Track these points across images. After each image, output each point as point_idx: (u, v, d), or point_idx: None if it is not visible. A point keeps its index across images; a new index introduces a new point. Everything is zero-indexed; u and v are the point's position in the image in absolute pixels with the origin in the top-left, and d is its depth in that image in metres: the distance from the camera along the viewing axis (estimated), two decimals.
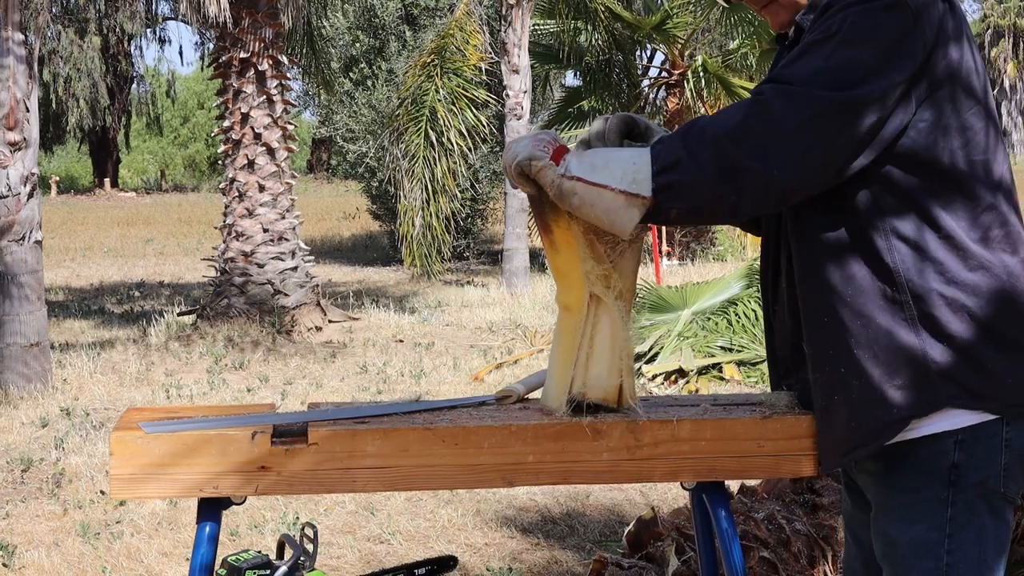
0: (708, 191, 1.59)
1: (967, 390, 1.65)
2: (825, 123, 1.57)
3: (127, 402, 6.87)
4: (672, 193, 1.60)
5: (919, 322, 1.64)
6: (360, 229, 21.53)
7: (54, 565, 4.08)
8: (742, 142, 1.58)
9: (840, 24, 1.59)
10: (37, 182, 7.25)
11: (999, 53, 39.61)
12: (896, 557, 1.72)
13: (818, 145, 1.58)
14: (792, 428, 1.74)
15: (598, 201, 1.62)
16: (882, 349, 1.65)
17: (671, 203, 1.61)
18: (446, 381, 7.38)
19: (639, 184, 1.60)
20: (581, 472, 1.70)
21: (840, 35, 1.59)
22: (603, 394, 1.72)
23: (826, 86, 1.57)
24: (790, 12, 1.78)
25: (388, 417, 1.74)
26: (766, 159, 1.57)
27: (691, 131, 1.62)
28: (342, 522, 4.51)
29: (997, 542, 1.70)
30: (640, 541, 3.34)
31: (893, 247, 1.65)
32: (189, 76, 48.73)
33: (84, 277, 14.88)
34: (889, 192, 1.65)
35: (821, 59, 1.59)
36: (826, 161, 1.60)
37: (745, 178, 1.58)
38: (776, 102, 1.59)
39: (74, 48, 30.22)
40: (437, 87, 11.94)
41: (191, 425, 1.68)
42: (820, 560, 3.20)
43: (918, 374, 1.64)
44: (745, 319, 7.73)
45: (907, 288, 1.64)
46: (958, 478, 1.66)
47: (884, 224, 1.65)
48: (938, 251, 1.64)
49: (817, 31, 1.63)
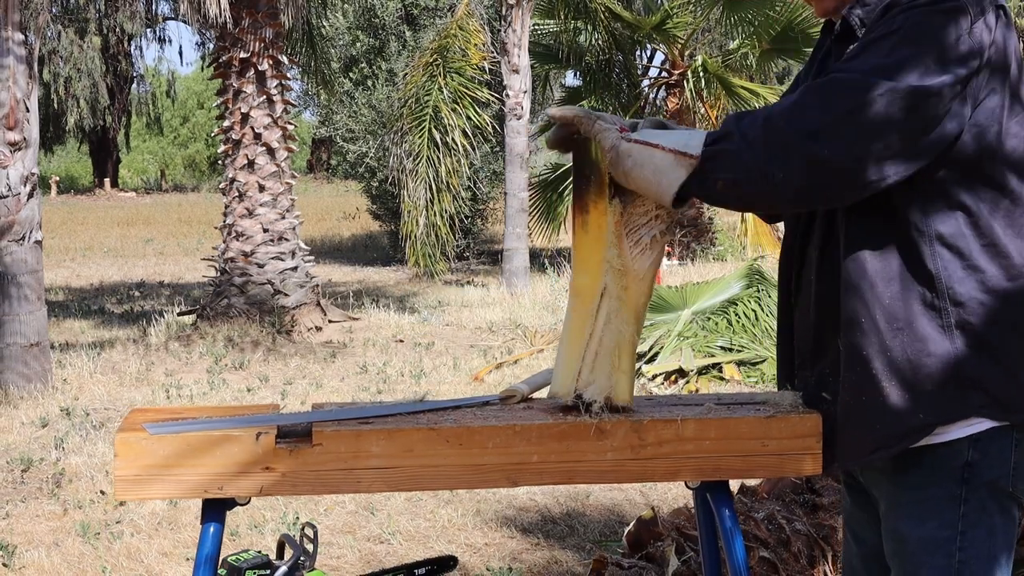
0: (755, 164, 1.60)
1: (997, 401, 1.66)
2: (879, 111, 1.57)
3: (127, 402, 6.87)
4: (718, 162, 1.62)
5: (956, 329, 1.65)
6: (360, 229, 21.52)
7: (54, 565, 4.08)
8: (794, 121, 1.59)
9: (902, 23, 1.61)
10: (37, 182, 7.25)
11: None
12: (906, 554, 1.72)
13: (869, 134, 1.58)
14: (796, 427, 1.74)
15: (649, 161, 1.64)
16: (916, 353, 1.66)
17: (717, 172, 1.62)
18: (446, 381, 7.38)
19: (690, 146, 1.63)
20: (585, 472, 1.70)
21: (901, 33, 1.60)
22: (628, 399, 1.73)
23: (885, 78, 1.58)
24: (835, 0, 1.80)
25: (392, 417, 1.74)
26: (816, 140, 1.57)
27: (748, 112, 1.66)
28: (342, 522, 4.51)
29: (1006, 540, 1.71)
30: (640, 541, 3.35)
31: (936, 253, 1.65)
32: (189, 76, 48.70)
33: (84, 277, 14.88)
34: (937, 197, 1.65)
35: (882, 55, 1.60)
36: (877, 151, 1.59)
37: (793, 155, 1.58)
38: (833, 87, 1.60)
39: (74, 48, 30.20)
40: (440, 86, 11.95)
41: (195, 426, 1.68)
42: (820, 560, 3.20)
43: (949, 381, 1.65)
44: (745, 319, 7.73)
45: (947, 295, 1.65)
46: (971, 476, 1.67)
47: (929, 229, 1.66)
48: (980, 259, 1.65)
49: (879, 30, 1.64)
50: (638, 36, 14.81)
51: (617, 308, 1.73)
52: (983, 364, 1.65)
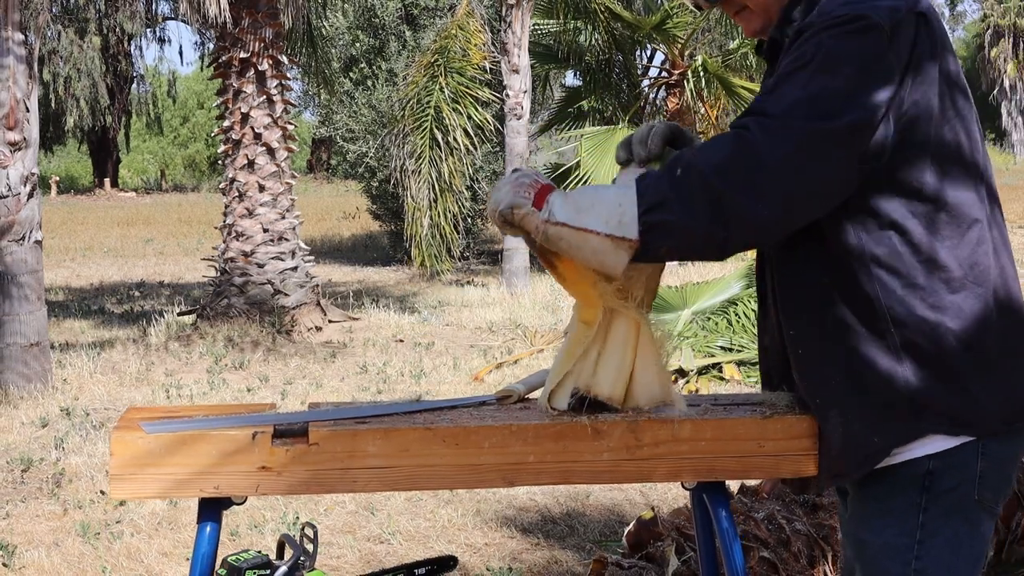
0: (697, 229, 1.56)
1: (949, 417, 1.63)
2: (808, 156, 1.54)
3: (127, 402, 6.87)
4: (660, 232, 1.57)
5: (901, 350, 1.62)
6: (360, 229, 21.52)
7: (54, 565, 4.08)
8: (729, 179, 1.54)
9: (815, 50, 1.57)
10: (37, 182, 7.25)
11: (999, 53, 39.60)
12: (866, 559, 1.72)
13: (803, 179, 1.55)
14: (793, 428, 1.74)
15: (584, 245, 1.58)
16: (863, 379, 1.64)
17: (660, 242, 1.57)
18: (446, 381, 7.37)
19: (625, 227, 1.56)
20: (582, 472, 1.70)
21: (815, 62, 1.56)
22: (609, 393, 1.72)
23: (805, 117, 1.54)
24: (762, 19, 1.78)
25: (389, 417, 1.74)
26: (752, 196, 1.54)
27: (676, 167, 1.58)
28: (342, 522, 4.51)
29: (970, 552, 1.68)
30: (640, 541, 3.34)
31: (874, 275, 1.62)
32: (189, 76, 48.73)
33: (84, 277, 14.88)
34: (867, 218, 1.62)
35: (799, 89, 1.56)
36: (812, 193, 1.57)
37: (733, 216, 1.55)
38: (759, 137, 1.55)
39: (74, 48, 30.21)
40: (441, 86, 11.95)
41: (191, 425, 1.68)
42: (820, 560, 3.20)
43: (900, 403, 1.63)
44: (745, 319, 7.73)
45: (888, 316, 1.62)
46: (932, 484, 1.65)
47: (864, 252, 1.62)
48: (919, 276, 1.61)
49: (792, 57, 1.60)
50: (638, 36, 14.80)
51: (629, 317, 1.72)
52: (932, 382, 1.62)
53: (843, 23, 1.56)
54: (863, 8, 1.57)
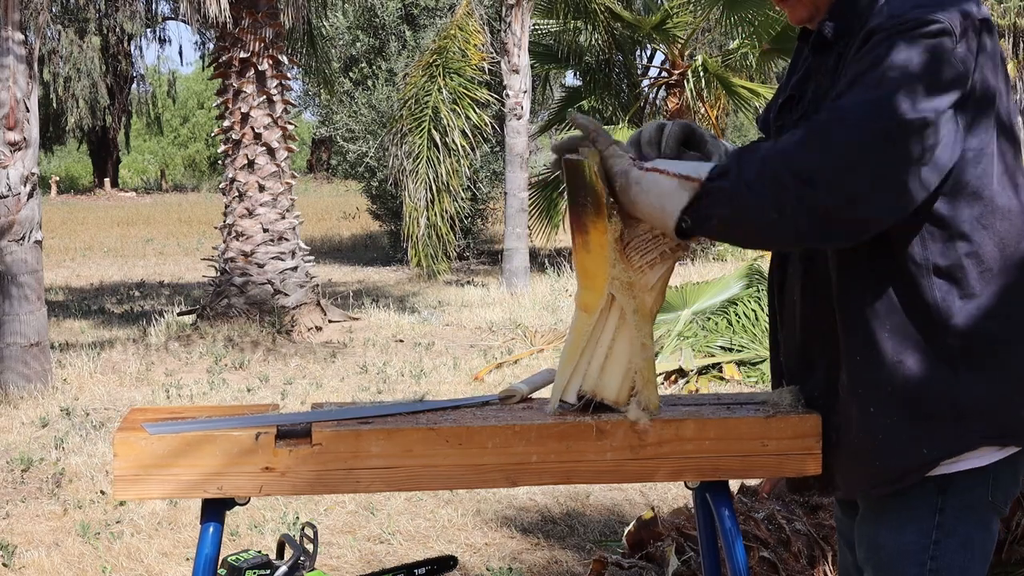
0: (750, 204, 1.57)
1: (1001, 430, 1.64)
2: (873, 151, 1.55)
3: (127, 402, 6.87)
4: (715, 198, 1.59)
5: (958, 361, 1.62)
6: (360, 229, 21.53)
7: (54, 565, 4.08)
8: (791, 163, 1.56)
9: (887, 52, 1.58)
10: (37, 182, 7.25)
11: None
12: (880, 561, 1.71)
13: (865, 175, 1.55)
14: (796, 427, 1.74)
15: (655, 186, 1.63)
16: (917, 387, 1.63)
17: (713, 208, 1.59)
18: (446, 381, 7.37)
19: (696, 173, 1.62)
20: (585, 472, 1.70)
21: (885, 64, 1.57)
22: (615, 397, 1.72)
23: (876, 115, 1.55)
24: (808, 9, 1.78)
25: (392, 417, 1.74)
26: (811, 184, 1.55)
27: (747, 148, 1.64)
28: (342, 522, 4.51)
29: (982, 551, 1.69)
30: (640, 541, 3.34)
31: (934, 284, 1.62)
32: (189, 76, 48.71)
33: (84, 277, 14.88)
34: (934, 227, 1.63)
35: (871, 89, 1.57)
36: (874, 192, 1.56)
37: (788, 199, 1.55)
38: (829, 129, 1.57)
39: (74, 48, 30.20)
40: (440, 87, 11.95)
41: (194, 426, 1.68)
42: (820, 560, 3.20)
43: (953, 414, 1.63)
44: (745, 319, 7.73)
45: (946, 325, 1.62)
46: (949, 486, 1.66)
47: (925, 258, 1.63)
48: (977, 285, 1.62)
49: (865, 60, 1.61)
50: (638, 36, 14.81)
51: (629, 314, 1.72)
52: (985, 392, 1.62)
53: (915, 27, 1.57)
54: (935, 12, 1.58)
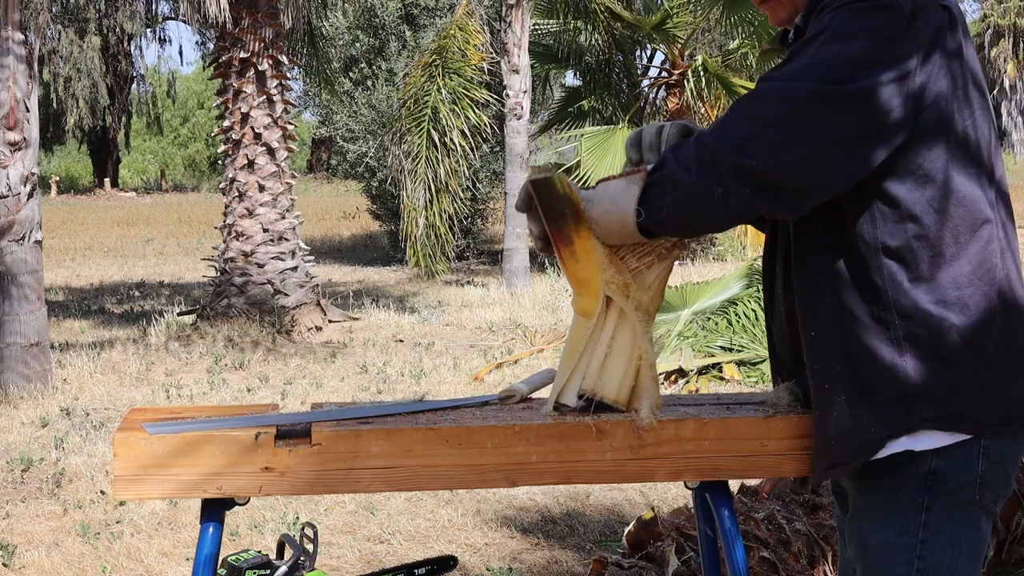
0: (691, 183, 1.58)
1: (944, 412, 1.63)
2: (807, 115, 1.54)
3: (127, 402, 6.87)
4: (659, 188, 1.60)
5: (904, 342, 1.62)
6: (360, 229, 21.53)
7: (54, 565, 4.08)
8: (722, 136, 1.57)
9: (829, 22, 1.57)
10: (37, 182, 7.25)
11: (999, 53, 39.60)
12: (867, 559, 1.72)
13: (799, 138, 1.54)
14: (795, 427, 1.74)
15: (604, 194, 1.64)
16: (864, 368, 1.64)
17: (660, 199, 1.60)
18: (446, 381, 7.38)
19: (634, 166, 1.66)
20: (585, 472, 1.70)
21: (828, 32, 1.57)
22: (615, 396, 1.72)
23: (813, 79, 1.54)
24: (788, 9, 1.78)
25: (391, 417, 1.74)
26: (742, 150, 1.55)
27: (684, 140, 1.66)
28: (342, 522, 4.51)
29: (971, 551, 1.68)
30: (640, 541, 3.34)
31: (883, 265, 1.62)
32: (189, 76, 48.73)
33: (84, 277, 14.88)
34: (886, 206, 1.62)
35: (808, 56, 1.57)
36: (805, 154, 1.55)
37: (723, 169, 1.55)
38: (756, 96, 1.58)
39: (74, 48, 30.21)
40: (439, 87, 11.95)
41: (194, 426, 1.68)
42: (820, 560, 3.20)
43: (897, 395, 1.63)
44: (745, 319, 7.73)
45: (894, 307, 1.62)
46: (935, 484, 1.65)
47: (875, 237, 1.62)
48: (928, 270, 1.61)
49: (808, 32, 1.62)
50: (638, 36, 14.80)
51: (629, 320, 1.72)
52: (930, 376, 1.62)
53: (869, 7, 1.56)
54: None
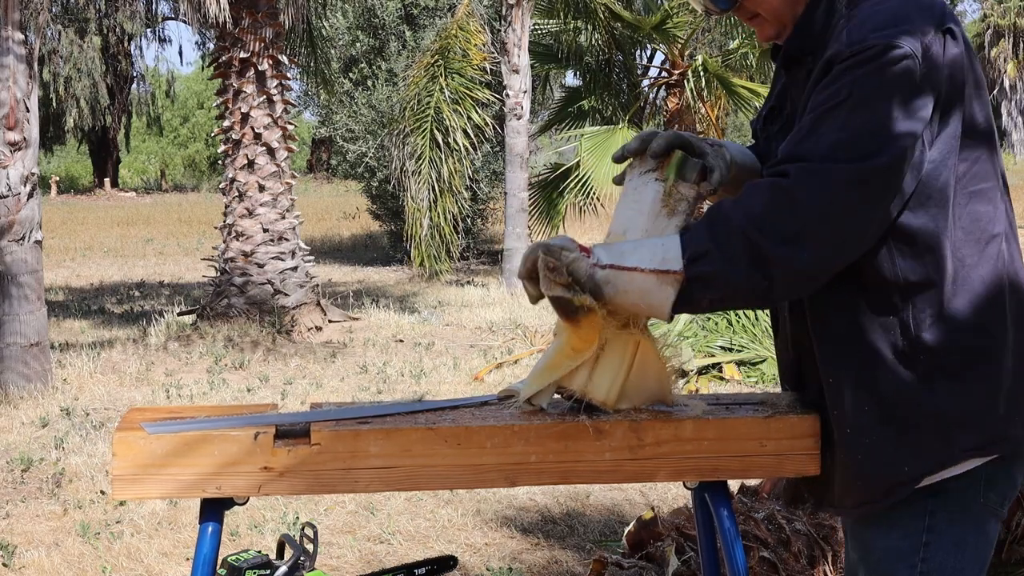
0: (740, 282, 1.56)
1: (984, 437, 1.62)
2: (850, 199, 1.53)
3: (127, 402, 6.87)
4: (704, 283, 1.57)
5: (934, 376, 1.61)
6: (360, 229, 21.52)
7: (54, 565, 4.08)
8: (768, 230, 1.54)
9: (850, 89, 1.55)
10: (37, 182, 7.25)
11: (999, 53, 39.57)
12: (870, 563, 1.71)
13: (846, 223, 1.55)
14: (795, 427, 1.74)
15: (631, 285, 1.59)
16: (895, 407, 1.62)
17: (703, 293, 1.58)
18: (446, 381, 7.37)
19: (669, 262, 1.57)
20: (583, 472, 1.70)
21: (851, 100, 1.54)
22: (604, 398, 1.71)
23: (846, 159, 1.53)
24: (775, 27, 1.77)
25: (390, 417, 1.74)
26: (795, 245, 1.53)
27: (716, 219, 1.58)
28: (342, 522, 4.51)
29: (976, 554, 1.68)
30: (640, 541, 3.34)
31: (906, 300, 1.61)
32: (189, 76, 48.71)
33: (84, 277, 14.88)
34: (903, 241, 1.61)
35: (836, 130, 1.54)
36: (857, 235, 1.56)
37: (775, 266, 1.54)
38: (798, 184, 1.54)
39: (74, 48, 30.21)
40: (441, 87, 11.95)
41: (193, 425, 1.68)
42: (820, 560, 3.20)
43: (932, 431, 1.62)
44: (745, 319, 7.73)
45: (919, 342, 1.61)
46: (939, 488, 1.65)
47: (897, 277, 1.61)
48: (949, 297, 1.60)
49: (826, 95, 1.58)
50: (638, 36, 14.79)
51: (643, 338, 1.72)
52: (963, 407, 1.61)
53: (876, 56, 1.54)
54: (893, 36, 1.54)
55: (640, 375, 1.73)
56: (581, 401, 1.70)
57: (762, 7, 1.76)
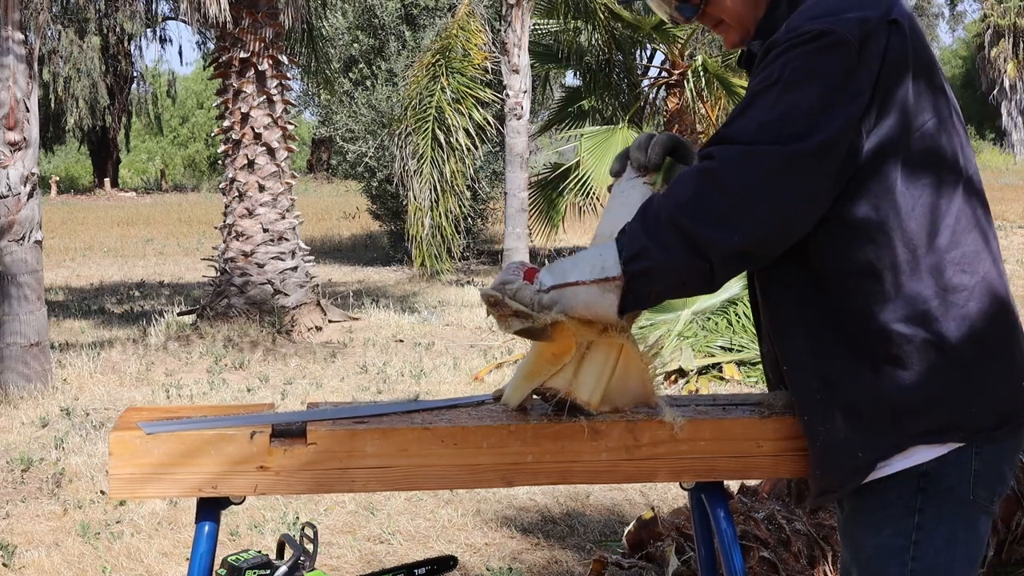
0: (681, 269, 1.57)
1: (933, 424, 1.62)
2: (778, 179, 1.53)
3: (127, 402, 6.87)
4: (646, 279, 1.58)
5: (882, 363, 1.61)
6: (360, 229, 21.52)
7: (54, 565, 4.08)
8: (698, 214, 1.54)
9: (781, 69, 1.55)
10: (37, 182, 7.25)
11: (999, 53, 39.57)
12: (862, 562, 1.71)
13: (774, 203, 1.54)
14: (791, 428, 1.74)
15: (575, 300, 1.61)
16: (844, 393, 1.63)
17: (647, 287, 1.59)
18: (446, 381, 7.38)
19: (607, 269, 1.59)
20: (580, 472, 1.70)
21: (782, 81, 1.54)
22: (587, 398, 1.71)
23: (773, 139, 1.53)
24: (739, 32, 1.79)
25: (387, 417, 1.74)
26: (725, 227, 1.54)
27: (647, 214, 1.59)
28: (342, 522, 4.51)
29: (967, 551, 1.67)
30: (640, 541, 3.34)
31: (848, 288, 1.61)
32: (189, 76, 48.74)
33: (84, 277, 14.88)
34: (847, 231, 1.60)
35: (765, 110, 1.54)
36: (787, 216, 1.56)
37: (712, 249, 1.55)
38: (724, 165, 1.55)
39: (74, 48, 30.22)
40: (443, 86, 11.95)
41: (190, 425, 1.68)
42: (820, 560, 3.20)
43: (882, 416, 1.62)
44: (745, 319, 7.73)
45: (865, 329, 1.61)
46: (928, 486, 1.65)
47: (838, 265, 1.61)
48: (892, 287, 1.60)
49: (759, 77, 1.58)
50: (638, 36, 14.79)
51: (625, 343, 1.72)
52: (913, 392, 1.60)
53: (810, 40, 1.54)
54: (830, 23, 1.54)
55: (623, 377, 1.73)
56: (565, 401, 1.70)
57: (725, 13, 1.77)
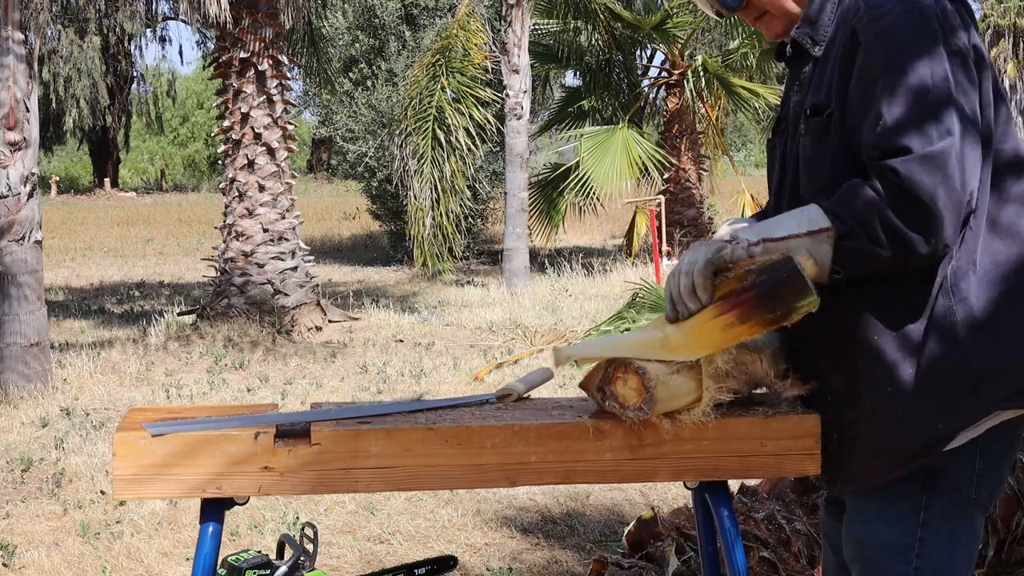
0: (884, 259, 1.61)
1: (1014, 389, 1.64)
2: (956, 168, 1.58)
3: (127, 402, 6.87)
4: (856, 258, 1.62)
5: (959, 329, 1.63)
6: (360, 229, 21.52)
7: (54, 565, 4.08)
8: (905, 214, 1.58)
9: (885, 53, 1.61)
10: (37, 182, 7.25)
11: (999, 53, 39.56)
12: (865, 559, 1.72)
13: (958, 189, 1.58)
14: (795, 427, 1.74)
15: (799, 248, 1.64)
16: (926, 366, 1.64)
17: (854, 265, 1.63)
18: (446, 381, 7.37)
19: (815, 222, 1.63)
20: (584, 472, 1.70)
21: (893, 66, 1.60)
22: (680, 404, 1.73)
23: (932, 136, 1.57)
24: (783, 23, 1.79)
25: (391, 417, 1.74)
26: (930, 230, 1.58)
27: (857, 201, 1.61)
28: (342, 522, 4.51)
29: (967, 549, 1.69)
30: (640, 541, 3.34)
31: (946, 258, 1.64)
32: (189, 76, 48.74)
33: (84, 277, 14.88)
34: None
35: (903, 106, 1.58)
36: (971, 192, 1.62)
37: (912, 247, 1.59)
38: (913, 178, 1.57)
39: (74, 48, 30.20)
40: (443, 86, 11.95)
41: (194, 426, 1.68)
42: (820, 560, 3.20)
43: (964, 385, 1.63)
44: None
45: (951, 293, 1.63)
46: (934, 483, 1.66)
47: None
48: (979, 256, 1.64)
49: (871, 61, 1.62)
50: (638, 36, 14.80)
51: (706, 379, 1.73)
52: (993, 358, 1.63)
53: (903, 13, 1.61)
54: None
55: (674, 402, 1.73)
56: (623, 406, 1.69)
57: (770, 4, 1.78)
